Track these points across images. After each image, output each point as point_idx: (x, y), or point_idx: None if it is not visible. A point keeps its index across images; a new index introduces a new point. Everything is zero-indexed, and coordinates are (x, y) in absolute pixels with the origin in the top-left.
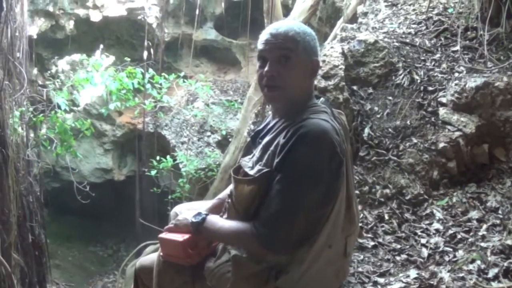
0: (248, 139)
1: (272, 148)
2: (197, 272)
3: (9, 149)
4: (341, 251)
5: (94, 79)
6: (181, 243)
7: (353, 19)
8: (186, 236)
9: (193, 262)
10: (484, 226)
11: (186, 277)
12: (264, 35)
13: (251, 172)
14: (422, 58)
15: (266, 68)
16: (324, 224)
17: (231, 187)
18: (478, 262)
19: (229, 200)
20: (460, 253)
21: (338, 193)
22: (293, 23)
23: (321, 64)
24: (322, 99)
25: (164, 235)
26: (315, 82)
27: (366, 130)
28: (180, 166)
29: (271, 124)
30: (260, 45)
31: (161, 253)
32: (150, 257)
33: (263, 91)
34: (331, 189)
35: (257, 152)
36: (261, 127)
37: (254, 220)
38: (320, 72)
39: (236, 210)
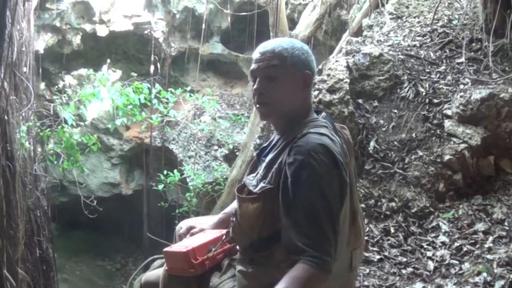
0: (255, 153)
1: (276, 166)
2: (202, 287)
3: (16, 164)
4: (346, 265)
5: (101, 94)
6: (184, 253)
7: (358, 32)
8: (190, 247)
9: (197, 273)
10: (490, 238)
11: None
12: (254, 54)
13: (255, 190)
14: (427, 70)
15: (255, 86)
16: None
17: (235, 205)
18: (484, 274)
19: (234, 219)
20: (466, 265)
21: (345, 195)
22: (282, 39)
23: (325, 78)
24: (323, 113)
25: (169, 248)
26: (320, 96)
27: (372, 144)
28: (188, 180)
29: (274, 141)
30: (252, 64)
31: (166, 267)
32: (155, 272)
33: (256, 108)
34: (339, 190)
35: (261, 170)
36: (266, 144)
37: (297, 257)
38: (325, 86)
39: (242, 228)
